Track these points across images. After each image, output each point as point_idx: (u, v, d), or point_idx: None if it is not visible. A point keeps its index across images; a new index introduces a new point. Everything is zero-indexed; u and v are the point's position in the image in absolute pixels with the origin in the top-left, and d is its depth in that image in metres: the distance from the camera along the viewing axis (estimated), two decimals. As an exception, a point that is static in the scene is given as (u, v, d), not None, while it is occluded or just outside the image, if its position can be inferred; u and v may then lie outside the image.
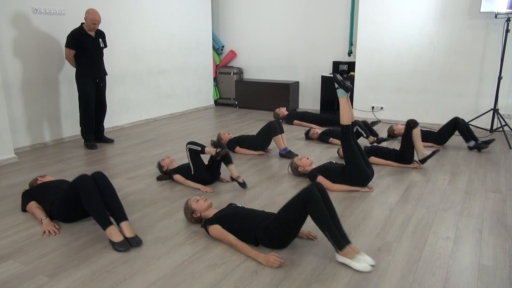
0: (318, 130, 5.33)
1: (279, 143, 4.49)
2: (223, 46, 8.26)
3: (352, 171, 3.47)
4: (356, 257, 2.32)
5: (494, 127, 5.66)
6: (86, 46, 4.74)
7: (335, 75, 3.41)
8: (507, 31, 5.25)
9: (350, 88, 3.37)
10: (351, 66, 6.82)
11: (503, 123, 5.33)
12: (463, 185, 3.67)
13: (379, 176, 3.90)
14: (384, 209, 3.15)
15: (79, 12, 5.23)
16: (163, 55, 6.85)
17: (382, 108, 6.59)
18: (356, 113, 6.70)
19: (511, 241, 2.63)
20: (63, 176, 3.82)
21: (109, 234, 2.59)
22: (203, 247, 2.56)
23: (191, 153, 3.56)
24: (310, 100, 7.58)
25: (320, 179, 3.54)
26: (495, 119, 5.64)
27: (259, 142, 4.63)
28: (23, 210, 3.10)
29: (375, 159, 4.20)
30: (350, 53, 6.96)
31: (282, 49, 7.63)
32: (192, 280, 2.21)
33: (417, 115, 6.34)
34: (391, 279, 2.21)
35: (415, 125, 3.99)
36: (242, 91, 7.84)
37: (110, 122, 5.92)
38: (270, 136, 4.50)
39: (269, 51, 7.78)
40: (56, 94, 5.20)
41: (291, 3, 7.33)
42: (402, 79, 6.36)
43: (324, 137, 5.16)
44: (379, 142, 5.05)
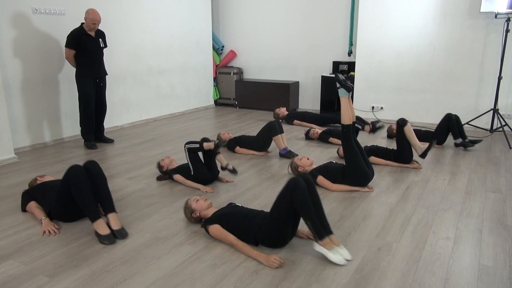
0: (318, 130, 5.33)
1: (279, 143, 4.49)
2: (223, 46, 8.27)
3: (352, 171, 3.47)
4: (334, 248, 2.36)
5: (494, 127, 5.66)
6: (86, 46, 4.75)
7: (337, 74, 3.40)
8: (507, 31, 5.25)
9: (352, 87, 3.37)
10: (351, 66, 6.83)
11: (503, 123, 5.34)
12: (463, 185, 3.67)
13: (379, 176, 3.90)
14: (384, 209, 3.15)
15: (79, 12, 5.23)
16: (163, 55, 6.85)
17: (382, 108, 6.59)
18: (356, 113, 6.68)
19: (511, 241, 2.63)
20: (63, 176, 3.81)
21: (96, 226, 2.66)
22: (203, 247, 2.56)
23: (190, 153, 3.56)
24: (310, 100, 7.58)
25: (320, 179, 3.54)
26: (495, 119, 5.65)
27: (259, 143, 4.63)
28: (23, 210, 3.10)
29: (375, 159, 4.21)
30: (350, 53, 6.96)
31: (282, 49, 7.63)
32: (192, 280, 2.21)
33: (417, 115, 6.34)
34: (391, 279, 2.21)
35: (404, 123, 4.01)
36: (242, 91, 7.84)
37: (110, 122, 5.92)
38: (270, 136, 4.50)
39: (269, 51, 7.79)
40: (56, 94, 5.20)
41: (291, 3, 7.33)
42: (402, 79, 6.36)
43: (325, 136, 5.16)
44: (375, 129, 5.09)
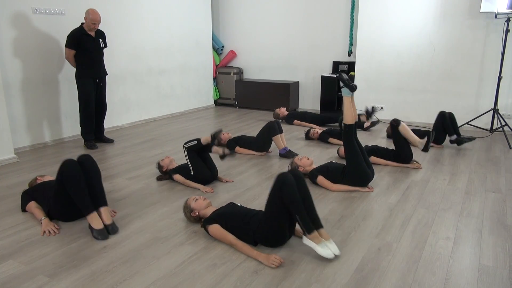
0: (318, 130, 5.33)
1: (278, 143, 4.49)
2: (223, 46, 8.26)
3: (353, 170, 3.47)
4: (323, 242, 2.36)
5: (494, 127, 5.66)
6: (86, 46, 4.75)
7: (341, 74, 3.38)
8: (507, 31, 5.25)
9: (355, 87, 3.36)
10: (351, 66, 6.82)
11: (503, 123, 5.34)
12: (463, 185, 3.67)
13: (379, 176, 3.90)
14: (384, 209, 3.15)
15: (79, 12, 5.23)
16: (163, 55, 6.85)
17: (382, 108, 6.59)
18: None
19: (511, 241, 2.63)
20: (57, 171, 3.81)
21: (90, 219, 2.70)
22: (203, 247, 2.56)
23: (189, 152, 3.56)
24: (310, 100, 7.58)
25: (320, 179, 3.54)
26: (495, 119, 5.65)
27: (259, 143, 4.63)
28: (23, 210, 3.10)
29: (375, 159, 4.21)
30: (350, 53, 6.96)
31: (282, 49, 7.63)
32: (192, 280, 2.21)
33: (417, 115, 6.34)
34: (391, 279, 2.21)
35: (397, 123, 4.02)
36: (242, 91, 7.84)
37: (110, 122, 5.92)
38: (269, 136, 4.50)
39: (269, 51, 7.78)
40: (56, 94, 5.20)
41: (291, 3, 7.33)
42: (402, 79, 6.36)
43: (325, 136, 5.16)
44: (369, 113, 5.18)
